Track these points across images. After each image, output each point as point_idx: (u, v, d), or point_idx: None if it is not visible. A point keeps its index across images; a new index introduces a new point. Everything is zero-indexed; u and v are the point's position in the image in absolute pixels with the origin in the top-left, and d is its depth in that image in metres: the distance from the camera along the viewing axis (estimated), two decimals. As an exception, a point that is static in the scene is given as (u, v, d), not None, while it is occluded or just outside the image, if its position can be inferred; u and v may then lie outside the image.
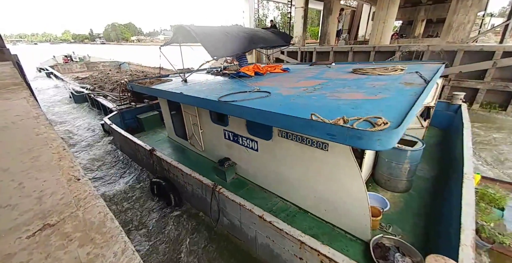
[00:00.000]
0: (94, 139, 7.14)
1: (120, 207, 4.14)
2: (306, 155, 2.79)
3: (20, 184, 0.91)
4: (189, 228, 3.63)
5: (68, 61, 18.77)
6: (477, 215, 2.53)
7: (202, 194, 3.59)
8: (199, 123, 4.34)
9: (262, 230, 2.80)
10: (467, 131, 3.83)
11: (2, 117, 1.58)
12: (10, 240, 0.67)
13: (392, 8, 9.66)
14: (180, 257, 3.15)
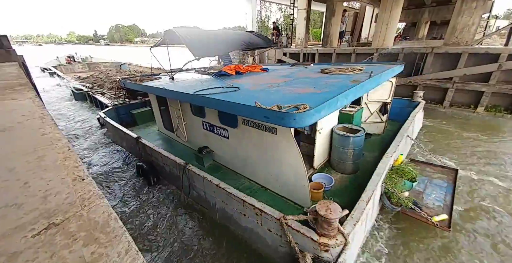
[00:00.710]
0: (90, 131, 7.74)
1: (110, 185, 4.78)
2: (262, 139, 3.34)
3: (25, 183, 0.92)
4: (165, 201, 4.23)
5: (71, 61, 19.37)
6: (390, 184, 3.19)
7: (176, 172, 4.16)
8: (182, 116, 4.88)
9: (219, 196, 3.39)
10: (408, 122, 4.75)
11: (9, 117, 1.60)
12: (16, 239, 0.68)
13: (396, 10, 9.63)
14: (158, 225, 3.70)
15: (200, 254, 3.11)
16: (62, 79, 14.22)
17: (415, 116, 5.18)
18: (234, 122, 3.70)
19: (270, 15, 42.46)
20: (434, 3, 16.54)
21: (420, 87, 8.47)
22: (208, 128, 4.39)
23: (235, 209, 3.18)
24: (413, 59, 8.51)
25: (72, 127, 8.13)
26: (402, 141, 4.08)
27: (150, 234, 3.49)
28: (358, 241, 2.82)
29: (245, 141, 3.69)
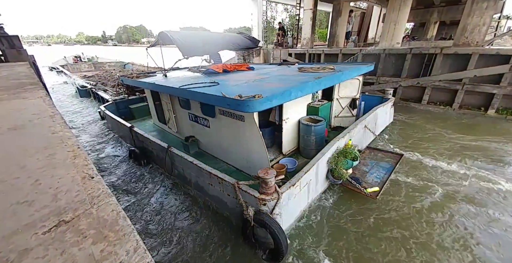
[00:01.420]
0: (92, 123, 8.45)
1: (107, 166, 5.47)
2: (234, 127, 3.88)
3: (36, 181, 0.93)
4: (152, 179, 4.89)
5: (78, 61, 20.12)
6: (333, 162, 3.88)
7: (161, 154, 4.70)
8: (172, 108, 5.43)
9: (193, 171, 3.97)
10: (365, 115, 5.31)
11: (20, 116, 1.63)
12: (27, 235, 0.69)
13: (404, 10, 9.49)
14: (143, 197, 4.36)
15: (177, 217, 3.79)
16: (68, 77, 14.91)
17: (376, 110, 5.73)
18: (213, 112, 4.24)
19: (276, 15, 42.47)
20: (443, 3, 16.26)
21: (428, 88, 8.32)
22: (193, 119, 4.93)
23: (205, 181, 3.80)
24: (422, 59, 8.37)
25: (75, 120, 8.82)
26: (355, 130, 4.68)
27: (137, 204, 4.18)
28: (298, 203, 3.44)
29: (222, 129, 4.26)
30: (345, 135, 4.35)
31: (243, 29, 69.04)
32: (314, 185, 3.76)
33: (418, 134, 6.41)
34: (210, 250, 3.15)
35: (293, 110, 4.51)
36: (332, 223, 3.46)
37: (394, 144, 5.86)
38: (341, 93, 5.73)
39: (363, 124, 5.11)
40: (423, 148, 5.60)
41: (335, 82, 4.37)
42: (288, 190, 3.04)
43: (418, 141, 6.00)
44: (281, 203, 2.92)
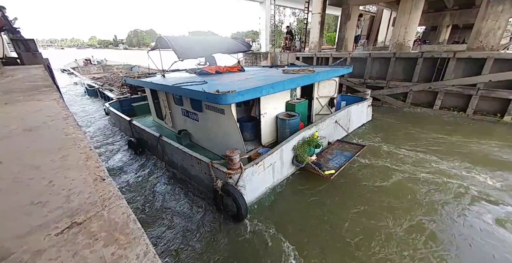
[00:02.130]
0: (98, 118, 9.47)
1: (108, 154, 6.33)
2: (217, 119, 4.53)
3: (50, 182, 0.95)
4: (145, 164, 5.68)
5: (88, 63, 21.62)
6: (297, 149, 4.53)
7: (154, 143, 5.33)
8: (168, 105, 6.10)
9: (179, 155, 4.59)
10: (336, 112, 5.92)
11: (35, 118, 1.67)
12: (40, 236, 0.70)
13: (415, 14, 9.36)
14: (138, 178, 5.13)
15: (165, 195, 4.50)
16: (78, 78, 16.24)
17: (349, 108, 6.38)
18: (200, 107, 4.89)
19: (284, 19, 42.73)
20: (456, 6, 15.98)
21: (441, 93, 8.13)
22: (185, 114, 5.59)
23: (188, 163, 4.42)
24: (434, 64, 8.21)
25: (83, 115, 9.86)
26: (322, 124, 5.34)
27: (131, 185, 4.88)
28: (262, 180, 4.07)
29: (208, 122, 4.93)
30: (312, 127, 4.99)
31: (250, 33, 69.63)
32: (280, 167, 4.41)
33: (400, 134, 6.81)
34: (192, 217, 3.88)
35: (271, 106, 5.12)
36: (291, 199, 4.17)
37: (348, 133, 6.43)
38: (320, 92, 6.29)
39: (333, 120, 5.74)
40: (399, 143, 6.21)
41: (306, 82, 5.03)
42: (251, 168, 3.71)
43: (395, 138, 6.52)
44: (244, 177, 3.60)
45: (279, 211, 3.84)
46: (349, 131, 6.46)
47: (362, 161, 5.22)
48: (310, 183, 4.47)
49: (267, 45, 22.18)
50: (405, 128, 7.10)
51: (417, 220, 3.50)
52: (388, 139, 6.34)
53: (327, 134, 5.58)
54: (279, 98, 5.28)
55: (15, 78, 3.69)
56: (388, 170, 4.84)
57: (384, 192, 4.16)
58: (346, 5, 11.77)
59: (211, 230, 3.56)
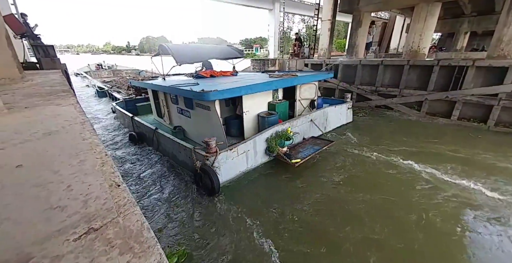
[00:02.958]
0: (106, 114, 10.75)
1: (113, 146, 7.16)
2: (205, 115, 5.29)
3: (68, 186, 0.97)
4: (143, 153, 6.53)
5: (99, 68, 23.57)
6: (270, 141, 5.25)
7: (150, 136, 6.26)
8: (166, 104, 6.87)
9: (170, 144, 5.54)
10: (312, 112, 6.66)
11: (54, 122, 1.73)
12: (59, 241, 0.71)
13: (430, 20, 9.22)
14: (136, 166, 5.93)
15: (157, 176, 5.38)
16: (90, 81, 17.93)
17: (325, 109, 7.08)
18: (192, 105, 5.61)
19: (293, 26, 43.11)
20: (475, 12, 15.62)
21: (459, 103, 7.85)
22: (180, 112, 6.33)
23: (176, 150, 5.34)
24: (451, 72, 7.99)
25: (94, 113, 11.07)
26: (296, 121, 6.06)
27: (130, 171, 5.68)
28: (236, 165, 4.80)
29: (198, 118, 5.67)
30: (285, 124, 5.71)
31: (258, 39, 70.51)
32: (253, 155, 5.14)
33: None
34: (177, 191, 4.77)
35: (253, 105, 5.82)
36: (260, 182, 4.88)
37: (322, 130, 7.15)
38: (302, 95, 7.02)
39: (308, 118, 6.45)
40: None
41: (283, 85, 5.97)
42: (225, 153, 4.49)
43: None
44: (219, 160, 4.38)
45: (247, 191, 4.63)
46: (327, 130, 7.24)
47: (328, 154, 5.99)
48: (279, 170, 5.24)
49: (275, 52, 22.40)
50: (386, 131, 7.72)
51: (353, 196, 4.34)
52: (361, 139, 6.94)
53: (302, 131, 6.33)
54: (261, 98, 6.03)
55: (35, 83, 3.85)
56: (346, 163, 5.53)
57: (340, 181, 4.83)
58: (357, 12, 11.78)
59: (191, 200, 4.45)
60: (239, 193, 4.53)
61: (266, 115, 5.77)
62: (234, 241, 3.43)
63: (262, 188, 4.68)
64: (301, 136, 6.28)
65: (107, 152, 1.32)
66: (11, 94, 2.83)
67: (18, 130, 1.57)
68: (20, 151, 1.27)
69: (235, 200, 4.30)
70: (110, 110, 10.78)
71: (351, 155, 5.88)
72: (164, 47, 6.61)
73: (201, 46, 7.79)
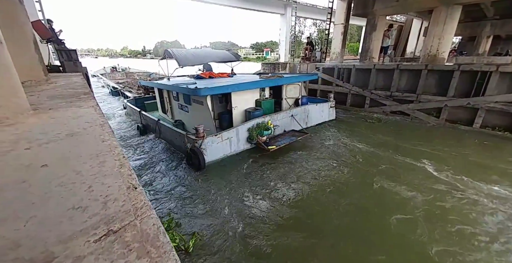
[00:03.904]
0: (118, 109, 12.29)
1: (123, 137, 8.24)
2: (199, 109, 6.30)
3: (89, 187, 1.00)
4: (148, 141, 7.66)
5: (114, 71, 25.69)
6: (251, 131, 6.18)
7: (154, 126, 7.35)
8: (169, 101, 8.01)
9: (169, 132, 6.63)
10: (294, 109, 7.53)
11: (76, 123, 1.81)
12: (80, 242, 0.73)
13: (450, 24, 8.88)
14: (143, 149, 7.08)
15: (158, 157, 6.46)
16: (105, 82, 20.02)
17: (306, 107, 7.92)
18: (189, 101, 6.62)
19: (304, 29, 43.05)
20: (497, 15, 14.96)
21: (482, 110, 7.48)
22: (180, 107, 7.35)
23: (174, 137, 6.43)
24: (473, 77, 7.64)
25: (108, 109, 12.44)
26: (277, 115, 6.91)
27: (137, 153, 6.82)
28: (221, 149, 5.77)
29: (194, 112, 6.66)
30: (266, 117, 6.55)
31: (269, 43, 70.87)
32: (236, 142, 6.05)
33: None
34: (172, 167, 5.83)
35: (241, 102, 6.69)
36: (242, 163, 5.82)
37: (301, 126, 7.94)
38: (288, 94, 7.93)
39: (289, 114, 7.27)
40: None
41: (267, 84, 7.02)
42: (211, 138, 5.49)
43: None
44: (205, 143, 5.39)
45: (228, 169, 5.58)
46: (308, 125, 8.07)
47: (301, 145, 6.85)
48: (258, 155, 6.17)
49: (286, 56, 22.40)
50: (362, 129, 8.45)
51: (307, 169, 5.52)
52: (336, 133, 7.83)
53: (283, 125, 7.17)
54: (249, 96, 6.94)
55: (58, 85, 4.05)
56: (315, 152, 6.40)
57: (306, 166, 5.66)
58: (372, 16, 11.60)
59: (182, 174, 5.47)
60: (221, 170, 5.51)
61: (252, 110, 6.67)
62: (210, 207, 4.25)
63: (241, 168, 5.61)
64: (282, 129, 7.14)
65: (124, 154, 1.36)
66: (36, 95, 2.99)
67: (43, 130, 1.65)
68: (45, 151, 1.33)
69: (217, 176, 5.31)
70: (121, 106, 12.05)
71: (322, 145, 6.90)
72: (169, 52, 7.45)
73: (201, 51, 8.88)
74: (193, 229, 3.69)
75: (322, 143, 6.92)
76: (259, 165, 5.71)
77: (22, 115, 1.91)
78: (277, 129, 6.86)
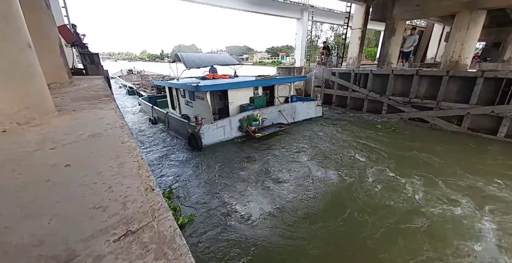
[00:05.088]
0: (134, 106, 14.01)
1: (138, 125, 9.96)
2: (201, 104, 7.69)
3: (109, 187, 1.03)
4: (159, 130, 9.11)
5: (130, 73, 27.83)
6: (242, 121, 7.51)
7: (163, 118, 8.82)
8: (177, 98, 9.42)
9: (175, 122, 8.05)
10: (282, 105, 8.83)
11: (98, 125, 1.88)
12: (101, 241, 0.75)
13: (474, 29, 8.51)
14: (154, 136, 8.52)
15: (166, 142, 7.89)
16: (122, 83, 22.53)
17: (292, 104, 9.14)
18: (193, 97, 7.98)
19: (321, 34, 42.86)
20: None
21: (507, 119, 7.09)
22: (186, 103, 8.82)
23: (179, 125, 7.75)
24: (498, 84, 7.27)
25: (125, 105, 14.42)
26: (266, 110, 8.18)
27: (150, 138, 8.32)
28: (216, 134, 6.99)
29: (197, 106, 7.99)
30: (255, 111, 7.81)
31: (284, 47, 71.04)
32: (229, 130, 7.30)
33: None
34: (177, 149, 7.21)
35: (237, 98, 7.99)
36: (233, 146, 7.11)
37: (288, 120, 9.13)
38: (279, 93, 9.37)
39: (277, 109, 8.49)
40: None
41: (259, 84, 8.54)
42: (207, 125, 6.73)
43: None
44: (203, 129, 6.61)
45: (221, 150, 6.82)
46: (295, 120, 9.21)
47: (284, 134, 8.05)
48: (247, 141, 7.44)
49: (301, 60, 22.32)
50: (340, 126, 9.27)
51: (286, 150, 6.83)
52: (317, 127, 8.96)
53: (272, 118, 8.36)
54: (244, 93, 8.26)
55: (81, 87, 4.26)
56: (294, 139, 7.62)
57: (284, 149, 6.85)
58: (391, 20, 11.34)
59: (184, 152, 6.88)
60: (215, 151, 6.74)
61: (246, 106, 8.01)
62: (204, 178, 5.36)
63: (231, 149, 6.86)
64: (271, 121, 8.32)
65: (143, 156, 1.39)
66: (60, 97, 3.16)
67: (67, 131, 1.73)
68: (69, 151, 1.40)
69: (212, 155, 6.52)
70: (137, 103, 13.79)
71: (301, 134, 8.06)
72: (178, 56, 8.53)
73: (206, 55, 9.99)
74: (189, 195, 4.73)
75: (302, 133, 8.10)
76: (246, 148, 6.95)
77: (48, 116, 2.01)
78: (265, 122, 8.08)
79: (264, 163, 5.92)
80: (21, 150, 1.39)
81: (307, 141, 7.42)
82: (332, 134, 8.08)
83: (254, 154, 6.49)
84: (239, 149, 6.86)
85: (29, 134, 1.66)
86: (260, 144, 7.16)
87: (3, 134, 1.63)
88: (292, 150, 6.70)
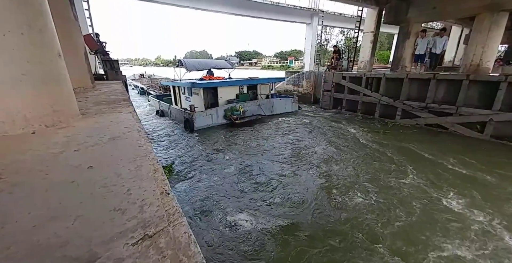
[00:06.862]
0: (144, 103, 17.19)
1: (148, 116, 13.10)
2: (197, 99, 10.19)
3: (128, 190, 1.06)
4: (164, 120, 11.71)
5: (141, 77, 30.27)
6: (227, 110, 10.17)
7: (167, 110, 11.81)
8: (179, 95, 11.66)
9: (176, 112, 10.97)
10: (260, 100, 11.44)
11: (117, 128, 1.96)
12: (120, 244, 0.77)
13: (495, 31, 8.13)
14: (159, 126, 10.99)
15: (169, 127, 10.49)
16: (134, 85, 25.49)
17: (270, 100, 11.86)
18: (191, 93, 10.28)
19: (330, 38, 42.56)
20: None
21: None
22: (186, 99, 10.93)
23: (179, 114, 10.39)
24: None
25: (137, 102, 17.52)
26: (247, 103, 10.56)
27: (156, 126, 10.76)
28: (205, 120, 9.54)
29: (194, 101, 9.98)
30: (238, 104, 10.06)
31: (294, 52, 71.02)
32: (216, 117, 9.70)
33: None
34: (176, 131, 9.73)
35: (225, 94, 10.37)
36: (219, 130, 9.48)
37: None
38: (262, 91, 11.60)
39: (256, 103, 10.83)
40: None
41: (244, 83, 11.05)
42: (199, 113, 9.27)
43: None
44: (195, 116, 9.12)
45: (209, 132, 9.13)
46: (273, 113, 11.56)
47: (261, 122, 10.43)
48: (228, 126, 9.90)
49: (311, 64, 22.17)
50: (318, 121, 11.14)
51: (259, 134, 9.07)
52: (289, 118, 11.22)
53: (252, 110, 10.54)
54: (231, 90, 10.60)
55: (102, 92, 4.45)
56: (267, 125, 10.18)
57: (257, 135, 8.85)
58: (406, 23, 11.09)
59: (181, 134, 9.27)
60: (204, 132, 9.06)
61: (231, 100, 10.37)
62: (195, 154, 7.20)
63: (216, 131, 9.19)
64: (251, 113, 10.44)
65: (158, 160, 1.43)
66: (84, 101, 3.31)
67: (90, 134, 1.81)
68: (91, 153, 1.46)
69: (202, 135, 8.79)
70: (147, 100, 16.96)
71: (274, 123, 10.45)
72: (181, 61, 10.66)
73: (204, 60, 12.65)
74: (181, 159, 6.93)
75: (274, 122, 10.50)
76: (228, 130, 9.44)
77: (73, 119, 2.11)
78: (247, 113, 10.21)
79: (239, 137, 8.58)
80: (49, 151, 1.46)
81: (275, 126, 9.95)
82: (299, 122, 10.58)
83: (233, 133, 9.03)
84: (222, 131, 9.31)
85: (56, 136, 1.74)
86: (240, 129, 9.54)
87: (33, 136, 1.73)
88: (263, 131, 9.26)
